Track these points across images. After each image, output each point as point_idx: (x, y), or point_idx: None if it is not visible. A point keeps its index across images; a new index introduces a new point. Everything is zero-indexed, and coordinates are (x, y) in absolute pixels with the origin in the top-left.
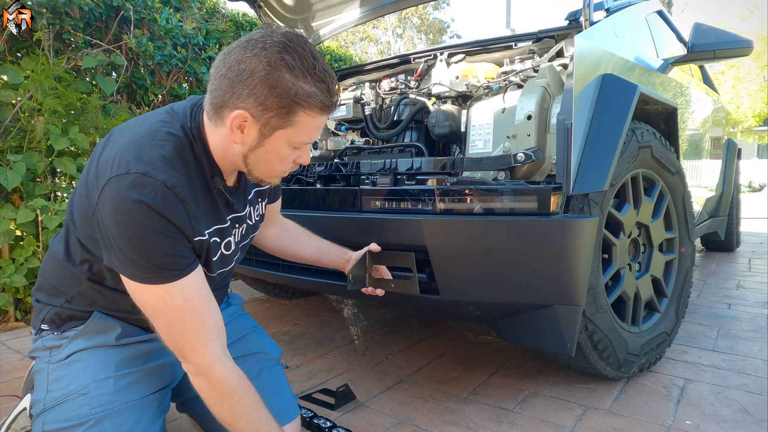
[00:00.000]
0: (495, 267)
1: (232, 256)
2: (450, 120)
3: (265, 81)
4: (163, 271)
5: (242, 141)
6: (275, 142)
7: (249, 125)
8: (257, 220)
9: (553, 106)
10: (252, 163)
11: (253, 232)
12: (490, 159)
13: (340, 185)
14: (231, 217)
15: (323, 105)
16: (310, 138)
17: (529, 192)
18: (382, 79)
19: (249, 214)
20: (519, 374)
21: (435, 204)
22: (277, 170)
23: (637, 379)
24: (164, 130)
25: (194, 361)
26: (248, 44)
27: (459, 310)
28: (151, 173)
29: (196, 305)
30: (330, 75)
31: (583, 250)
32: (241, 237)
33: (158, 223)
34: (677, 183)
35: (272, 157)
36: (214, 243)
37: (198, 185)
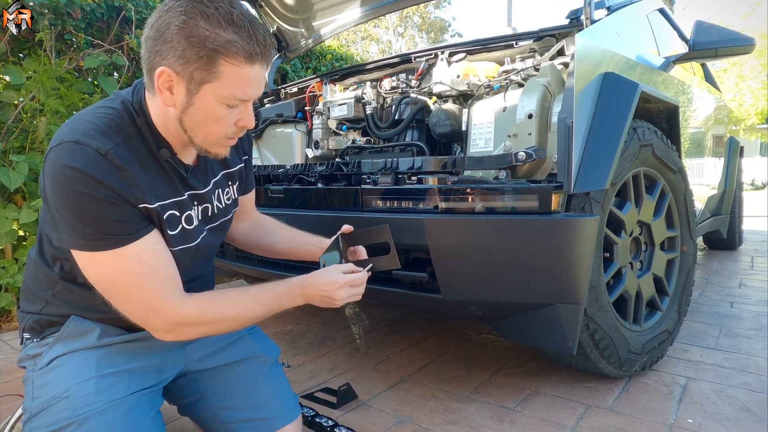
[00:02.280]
0: (496, 266)
1: (195, 232)
2: (451, 119)
3: (181, 32)
4: (110, 236)
5: (173, 102)
6: (204, 99)
7: (176, 84)
8: (228, 203)
9: (554, 104)
10: (189, 128)
11: (225, 215)
12: (491, 158)
13: (341, 185)
14: (189, 193)
15: (246, 52)
16: (242, 92)
17: (530, 191)
18: (383, 78)
19: (216, 196)
20: (521, 373)
21: (436, 203)
22: (216, 133)
23: (639, 377)
24: (103, 105)
25: (161, 321)
26: (167, 1)
27: (460, 310)
28: (83, 141)
29: (152, 268)
30: (251, 22)
31: (585, 249)
32: (208, 217)
33: (94, 189)
34: (679, 181)
35: (206, 117)
36: (171, 216)
37: (145, 157)
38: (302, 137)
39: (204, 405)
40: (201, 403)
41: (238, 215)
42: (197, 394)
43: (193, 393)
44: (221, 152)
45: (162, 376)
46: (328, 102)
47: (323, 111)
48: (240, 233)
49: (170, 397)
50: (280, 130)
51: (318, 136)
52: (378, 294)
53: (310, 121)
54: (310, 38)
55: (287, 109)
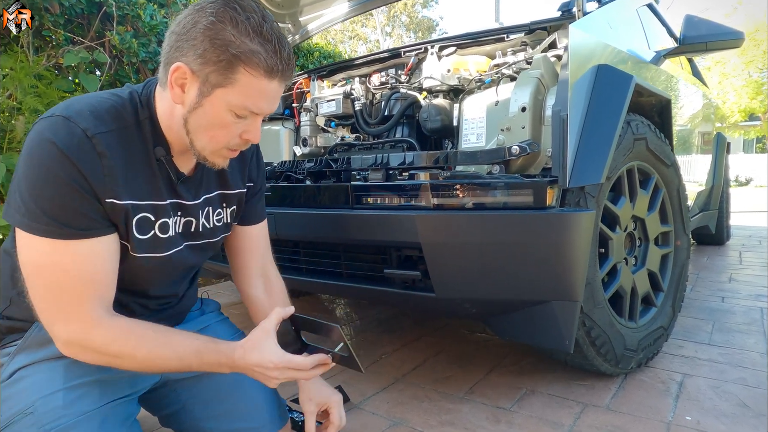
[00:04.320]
0: (491, 263)
1: (168, 243)
2: (442, 114)
3: (207, 32)
4: (60, 225)
5: (182, 100)
6: (215, 102)
7: (189, 82)
8: (218, 226)
9: (548, 97)
10: (192, 129)
11: (211, 237)
12: (484, 152)
13: (330, 182)
14: (173, 201)
15: (267, 65)
16: (254, 104)
17: (524, 186)
18: (371, 73)
19: (205, 213)
20: (516, 372)
21: (428, 199)
22: (218, 141)
23: (635, 374)
24: (110, 91)
25: (66, 332)
26: (201, 1)
27: (454, 308)
28: (73, 118)
29: (85, 272)
30: (279, 38)
31: (581, 245)
32: (189, 233)
33: (65, 170)
34: (672, 176)
35: (212, 121)
36: (143, 219)
37: (136, 151)
38: (290, 135)
39: (185, 416)
40: (182, 414)
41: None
42: (178, 405)
43: (174, 403)
44: (219, 162)
45: (137, 386)
46: (316, 98)
47: (311, 108)
48: (248, 297)
49: (150, 407)
50: (267, 128)
51: (306, 133)
52: (368, 293)
53: (297, 118)
54: (297, 34)
55: None
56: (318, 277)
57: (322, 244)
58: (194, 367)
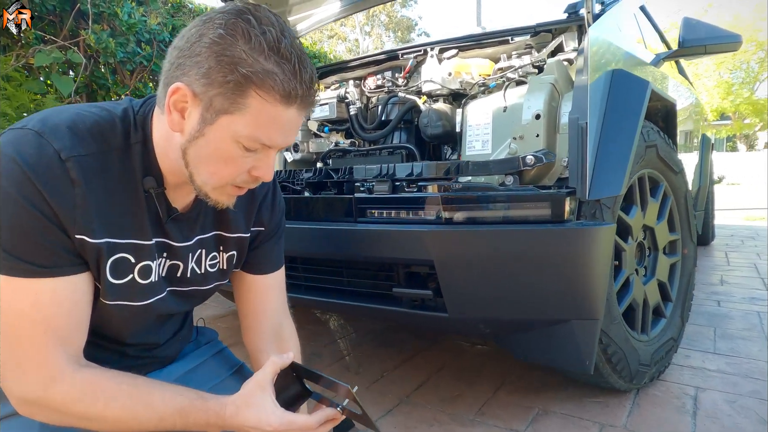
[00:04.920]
0: (507, 281)
1: (149, 289)
2: (443, 119)
3: (213, 47)
4: (16, 260)
5: (181, 128)
6: (219, 132)
7: (191, 107)
8: (211, 272)
9: (563, 104)
10: (192, 162)
11: (202, 284)
12: (497, 162)
13: (331, 193)
14: (159, 240)
15: (284, 89)
16: (266, 136)
17: (541, 198)
18: (366, 76)
19: (196, 257)
20: (524, 389)
21: (439, 213)
22: (222, 176)
23: (647, 389)
24: (101, 105)
25: (20, 388)
26: (210, 12)
27: (467, 329)
28: (47, 135)
29: (48, 318)
30: (300, 57)
31: (601, 260)
32: (175, 277)
33: (27, 195)
34: (680, 182)
35: (215, 154)
36: (121, 260)
37: (119, 180)
38: None
39: None
40: None
41: (256, 313)
42: None
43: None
44: (223, 200)
45: None
46: None
47: None
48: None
49: None
50: None
51: (297, 138)
52: (373, 312)
53: None
54: None
55: None
56: (318, 294)
57: (323, 260)
58: (178, 428)
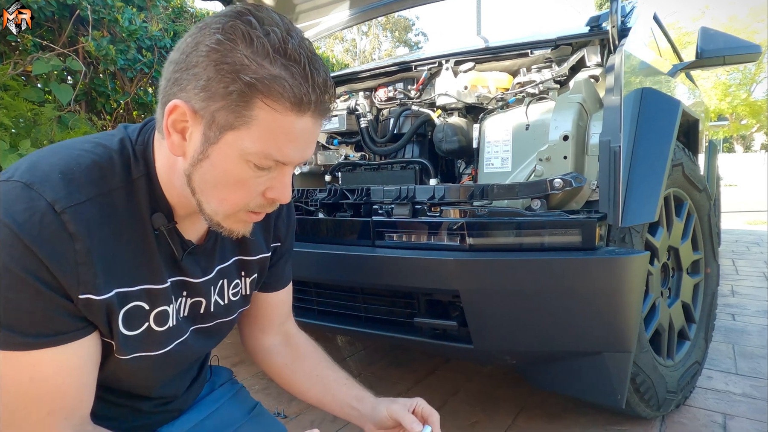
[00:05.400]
0: (537, 312)
1: (168, 335)
2: (459, 134)
3: (211, 55)
4: (12, 333)
5: (183, 151)
6: (225, 152)
7: (192, 126)
8: (234, 300)
9: (591, 124)
10: (199, 189)
11: (226, 316)
12: (524, 186)
13: (347, 215)
14: (176, 280)
15: (295, 96)
16: (279, 151)
17: (571, 224)
18: (377, 87)
19: (218, 289)
20: (545, 416)
21: (464, 239)
22: (234, 202)
23: (673, 416)
24: (93, 140)
25: None
26: (206, 18)
27: (492, 359)
28: (37, 186)
29: (50, 390)
30: (311, 58)
31: (635, 290)
32: (198, 315)
33: (21, 262)
34: (704, 201)
35: (223, 178)
36: (135, 310)
37: (125, 223)
38: None
39: None
40: None
41: (261, 322)
42: None
43: None
44: (238, 229)
45: None
46: None
47: None
48: (263, 350)
49: None
50: None
51: None
52: (391, 340)
53: None
54: None
55: None
56: (332, 320)
57: (338, 286)
58: None
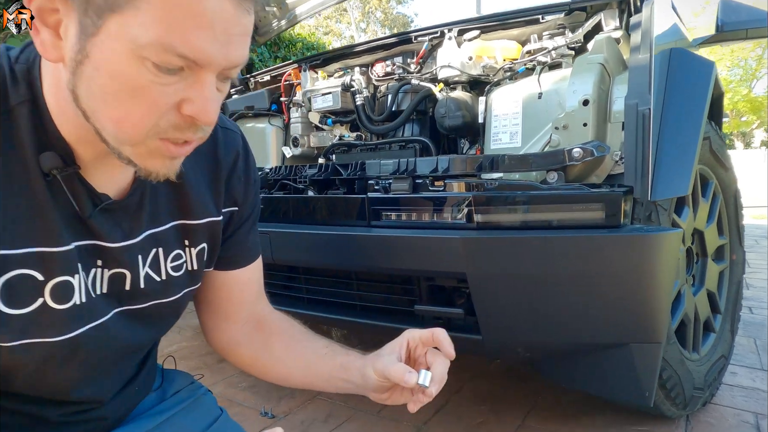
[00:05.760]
0: (554, 298)
1: (73, 318)
2: (463, 109)
3: None
4: None
5: (60, 54)
6: (110, 46)
7: (65, 14)
8: (176, 277)
9: (614, 88)
10: (89, 107)
11: (164, 296)
12: (539, 156)
13: (340, 192)
14: (84, 244)
15: None
16: (184, 40)
17: (594, 198)
18: (374, 62)
19: (150, 259)
20: (557, 415)
21: (471, 216)
22: (135, 123)
23: (699, 415)
24: None
25: None
26: None
27: (503, 352)
28: None
29: None
30: None
31: (667, 272)
32: (123, 293)
33: None
34: (730, 180)
35: (112, 84)
36: (19, 280)
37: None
38: (277, 133)
39: None
40: None
41: (224, 309)
42: None
43: None
44: (156, 168)
45: None
46: (308, 91)
47: (303, 102)
48: (230, 344)
49: None
50: (251, 126)
51: (297, 131)
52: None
53: (287, 115)
54: (283, 19)
55: (259, 101)
56: (324, 310)
57: (330, 271)
58: None
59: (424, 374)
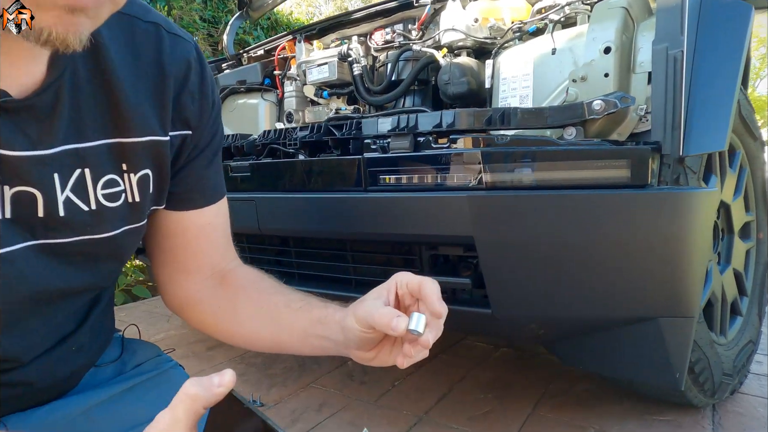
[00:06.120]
0: (574, 266)
1: None
2: (468, 75)
3: None
4: None
5: None
6: None
7: None
8: (110, 208)
9: (639, 35)
10: None
11: (95, 231)
12: (555, 110)
13: (334, 155)
14: None
15: None
16: None
17: (619, 154)
18: (373, 31)
19: (73, 182)
20: (570, 403)
21: (479, 175)
22: None
23: (726, 406)
24: None
25: None
26: None
27: (515, 329)
28: None
29: None
30: None
31: (702, 237)
32: (33, 222)
33: None
34: (758, 152)
35: None
36: None
37: None
38: (271, 108)
39: None
40: None
41: (181, 259)
42: None
43: None
44: (47, 22)
45: None
46: (303, 63)
47: (297, 75)
48: (188, 303)
49: None
50: (243, 101)
51: (291, 106)
52: None
53: (280, 89)
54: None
55: (252, 75)
56: (316, 285)
57: (323, 241)
58: None
59: (417, 318)
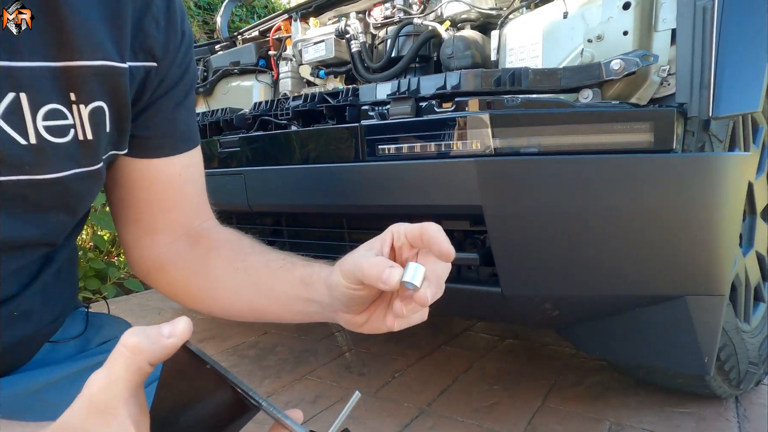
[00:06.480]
0: (592, 239)
1: None
2: (472, 48)
3: None
4: None
5: None
6: None
7: None
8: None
9: None
10: None
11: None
12: (570, 71)
13: (329, 124)
14: None
15: None
16: None
17: (641, 117)
18: (372, 7)
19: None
20: (582, 395)
21: (487, 140)
22: None
23: (749, 397)
24: None
25: None
26: None
27: (527, 310)
28: None
29: None
30: None
31: (735, 207)
32: None
33: None
34: None
35: None
36: None
37: None
38: (266, 90)
39: None
40: None
41: (145, 216)
42: None
43: None
44: None
45: None
46: (299, 42)
47: (293, 55)
48: (155, 266)
49: None
50: (237, 84)
51: (287, 87)
52: None
53: (275, 70)
54: None
55: (246, 56)
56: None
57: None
58: None
59: (414, 268)
